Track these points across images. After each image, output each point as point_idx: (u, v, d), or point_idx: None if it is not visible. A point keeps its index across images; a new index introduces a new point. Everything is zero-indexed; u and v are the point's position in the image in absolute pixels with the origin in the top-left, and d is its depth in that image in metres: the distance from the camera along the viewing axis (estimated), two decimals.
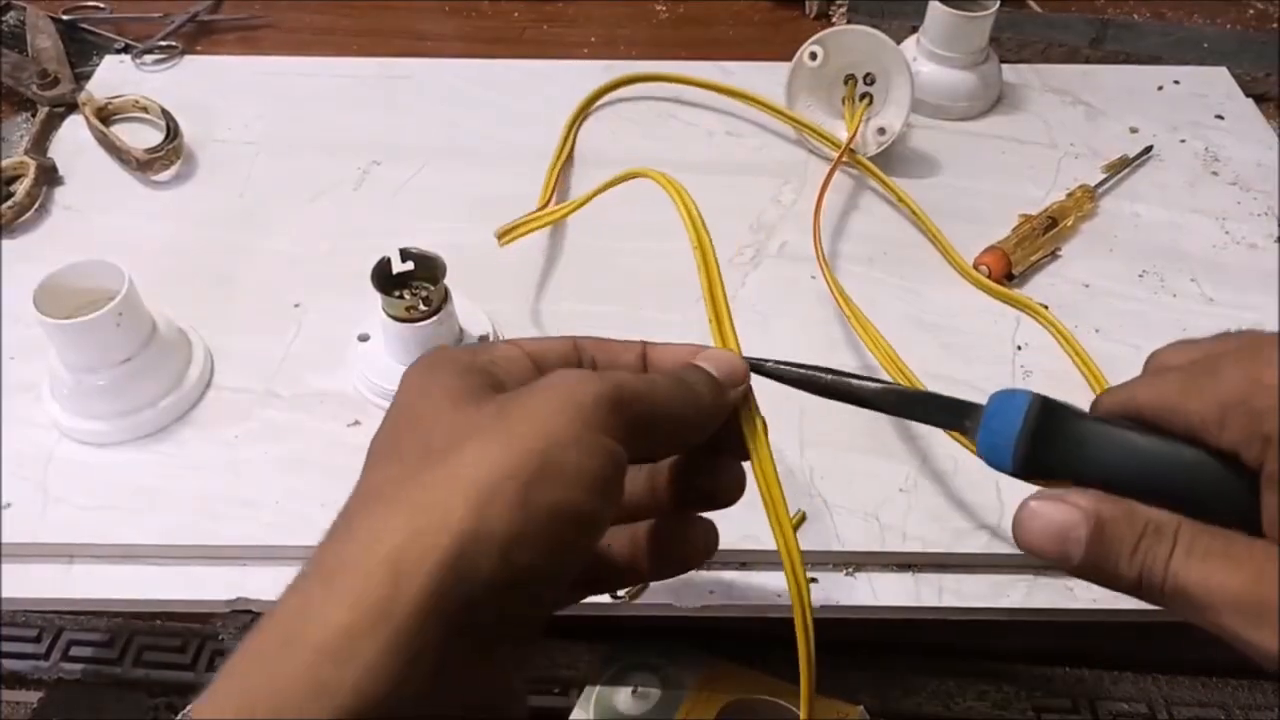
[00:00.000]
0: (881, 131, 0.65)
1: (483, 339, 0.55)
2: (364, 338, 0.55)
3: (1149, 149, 0.69)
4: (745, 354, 0.34)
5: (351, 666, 0.22)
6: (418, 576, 0.23)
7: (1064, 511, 0.26)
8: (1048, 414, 0.28)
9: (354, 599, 0.23)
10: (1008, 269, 0.60)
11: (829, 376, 0.33)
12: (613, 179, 0.40)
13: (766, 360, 0.34)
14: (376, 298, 0.51)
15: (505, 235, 0.58)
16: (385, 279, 0.51)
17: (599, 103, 0.72)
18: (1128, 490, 0.27)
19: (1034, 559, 0.27)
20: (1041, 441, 0.28)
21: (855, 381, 0.33)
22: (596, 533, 0.27)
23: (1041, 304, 0.58)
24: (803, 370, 0.33)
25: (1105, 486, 0.27)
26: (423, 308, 0.51)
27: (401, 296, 0.51)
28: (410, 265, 0.51)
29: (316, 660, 0.22)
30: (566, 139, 0.69)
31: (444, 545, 0.23)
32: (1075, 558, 0.26)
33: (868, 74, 0.66)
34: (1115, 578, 0.26)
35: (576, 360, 0.32)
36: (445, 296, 0.52)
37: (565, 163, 0.67)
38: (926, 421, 0.33)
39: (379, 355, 0.53)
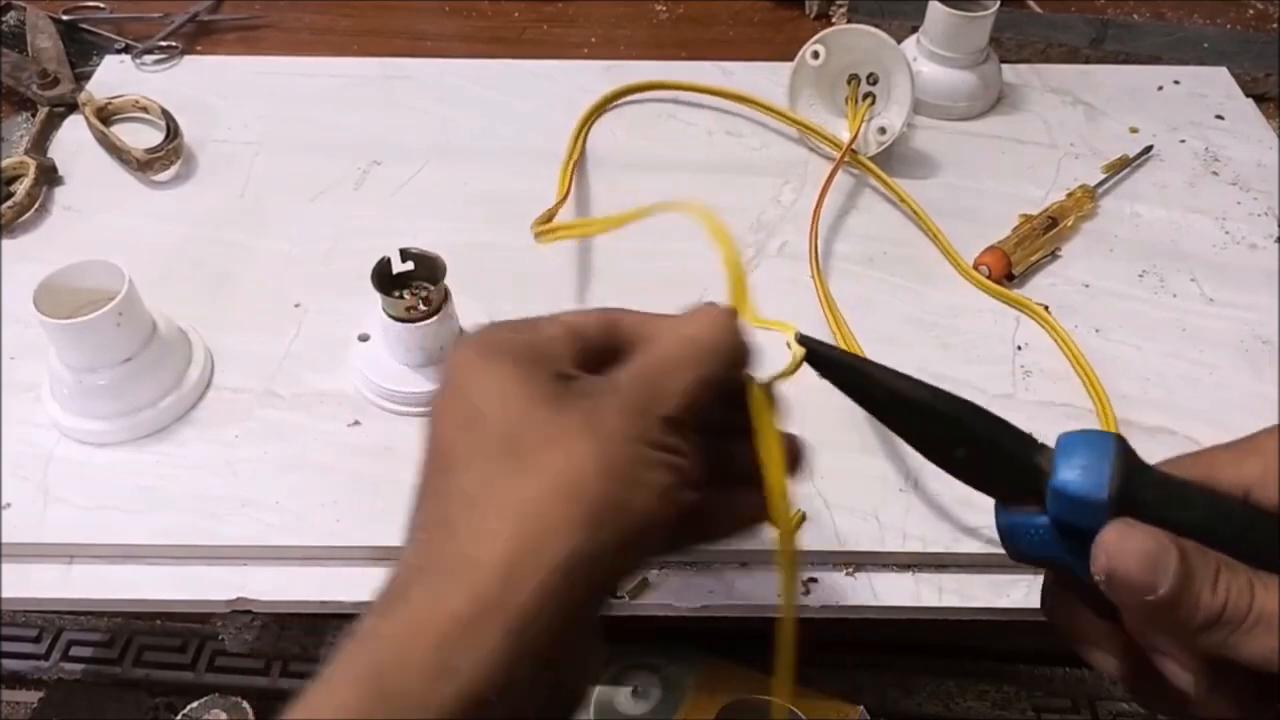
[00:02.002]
0: (882, 131, 0.65)
1: None
2: (364, 338, 0.55)
3: (1149, 149, 0.69)
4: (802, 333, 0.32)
5: (473, 653, 0.25)
6: (531, 581, 0.26)
7: (1154, 538, 0.26)
8: (1128, 453, 0.27)
9: (474, 594, 0.26)
10: (1008, 269, 0.60)
11: (880, 372, 0.31)
12: (650, 207, 0.39)
13: (822, 343, 0.32)
14: (376, 297, 0.51)
15: (545, 234, 0.57)
16: (385, 279, 0.51)
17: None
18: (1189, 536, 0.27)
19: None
20: (1131, 479, 0.27)
21: (929, 392, 0.30)
22: (668, 527, 0.30)
23: (1042, 305, 0.58)
24: (859, 363, 0.32)
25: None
26: (423, 308, 0.51)
27: (401, 296, 0.51)
28: (410, 265, 0.51)
29: (441, 645, 0.25)
30: (577, 140, 0.68)
31: (556, 557, 0.26)
32: (1163, 586, 0.26)
33: (870, 74, 0.66)
34: (1195, 609, 0.26)
35: (617, 341, 0.33)
36: (445, 296, 0.52)
37: (578, 162, 0.67)
38: (990, 451, 0.30)
39: (379, 355, 0.53)
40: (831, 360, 0.32)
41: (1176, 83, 0.76)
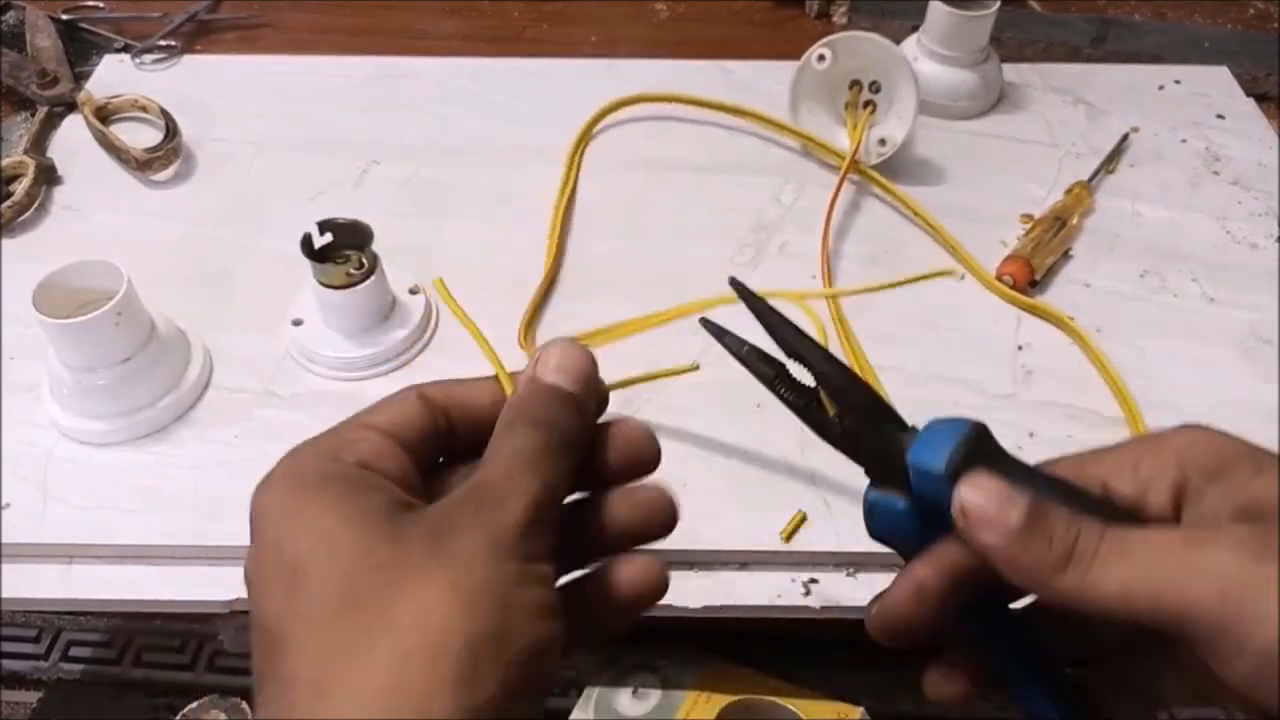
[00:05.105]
0: (883, 143, 0.65)
1: (413, 292, 0.57)
2: (297, 322, 0.56)
3: (1126, 136, 0.70)
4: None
5: None
6: None
7: (1008, 485, 0.27)
8: (980, 437, 0.29)
9: None
10: (1030, 276, 0.59)
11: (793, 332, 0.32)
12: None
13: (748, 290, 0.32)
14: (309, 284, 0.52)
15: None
16: (313, 257, 0.52)
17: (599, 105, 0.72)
18: None
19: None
20: (974, 457, 0.29)
21: (815, 349, 0.31)
22: (559, 650, 0.26)
23: (1067, 316, 0.58)
24: (767, 311, 0.32)
25: None
26: (353, 272, 0.52)
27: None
28: (330, 237, 0.52)
29: None
30: (568, 177, 0.66)
31: None
32: (1015, 518, 0.27)
33: (873, 82, 0.66)
34: (1050, 542, 0.27)
35: (432, 422, 0.29)
36: (376, 260, 0.53)
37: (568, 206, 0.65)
38: (868, 425, 0.31)
39: (316, 330, 0.55)
40: (755, 304, 0.32)
41: (1177, 82, 0.76)
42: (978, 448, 0.29)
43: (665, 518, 0.30)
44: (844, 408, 0.31)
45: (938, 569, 0.30)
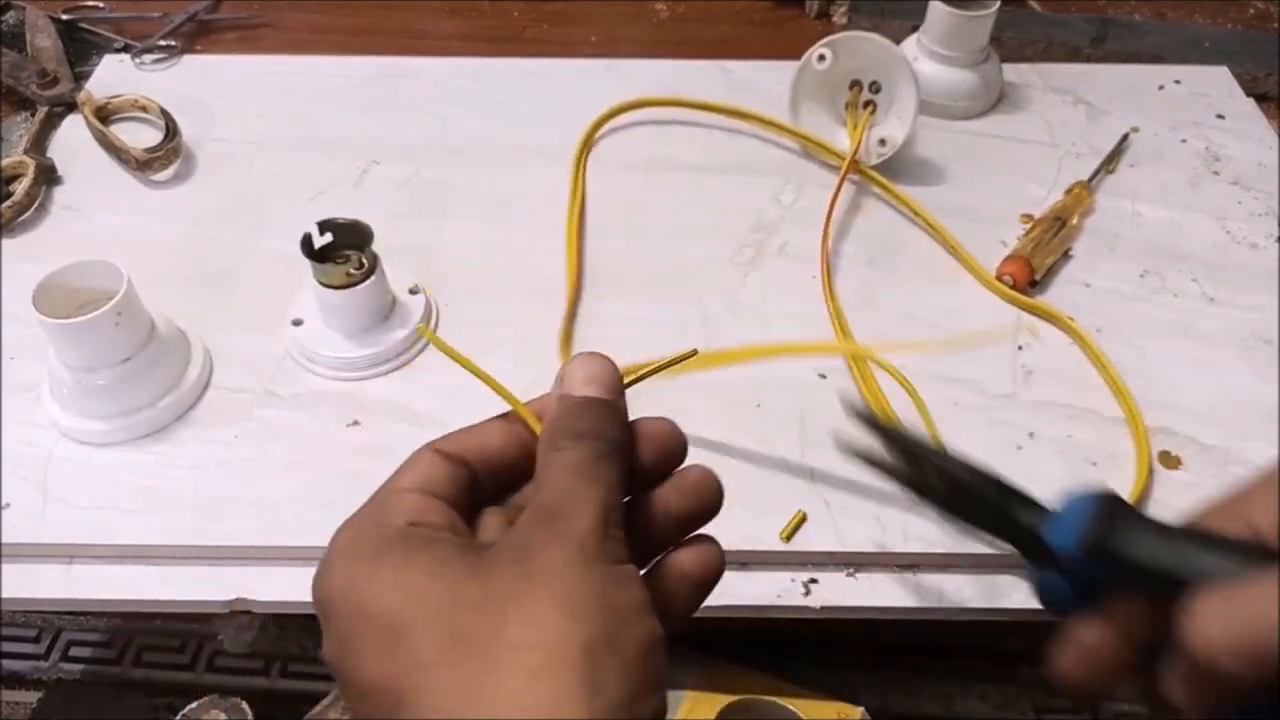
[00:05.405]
0: (883, 143, 0.65)
1: (413, 292, 0.56)
2: (297, 322, 0.56)
3: (1126, 136, 0.70)
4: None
5: None
6: None
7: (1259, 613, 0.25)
8: (1111, 509, 0.30)
9: None
10: (1030, 276, 0.59)
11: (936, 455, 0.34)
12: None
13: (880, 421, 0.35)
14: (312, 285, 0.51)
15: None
16: (313, 257, 0.52)
17: (599, 105, 0.72)
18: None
19: None
20: (1107, 534, 0.30)
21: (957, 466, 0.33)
22: (665, 644, 0.27)
23: (1068, 316, 0.58)
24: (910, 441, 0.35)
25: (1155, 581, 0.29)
26: (353, 272, 0.52)
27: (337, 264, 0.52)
28: (330, 236, 0.52)
29: None
30: (576, 182, 0.66)
31: None
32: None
33: (873, 82, 0.66)
34: None
35: (456, 473, 0.29)
36: (376, 260, 0.53)
37: (582, 209, 0.65)
38: (1003, 517, 0.33)
39: (316, 330, 0.55)
40: (892, 435, 0.35)
41: (1177, 82, 0.76)
42: (1110, 522, 0.30)
43: (714, 494, 0.31)
44: (985, 501, 0.33)
45: (1109, 630, 0.30)
